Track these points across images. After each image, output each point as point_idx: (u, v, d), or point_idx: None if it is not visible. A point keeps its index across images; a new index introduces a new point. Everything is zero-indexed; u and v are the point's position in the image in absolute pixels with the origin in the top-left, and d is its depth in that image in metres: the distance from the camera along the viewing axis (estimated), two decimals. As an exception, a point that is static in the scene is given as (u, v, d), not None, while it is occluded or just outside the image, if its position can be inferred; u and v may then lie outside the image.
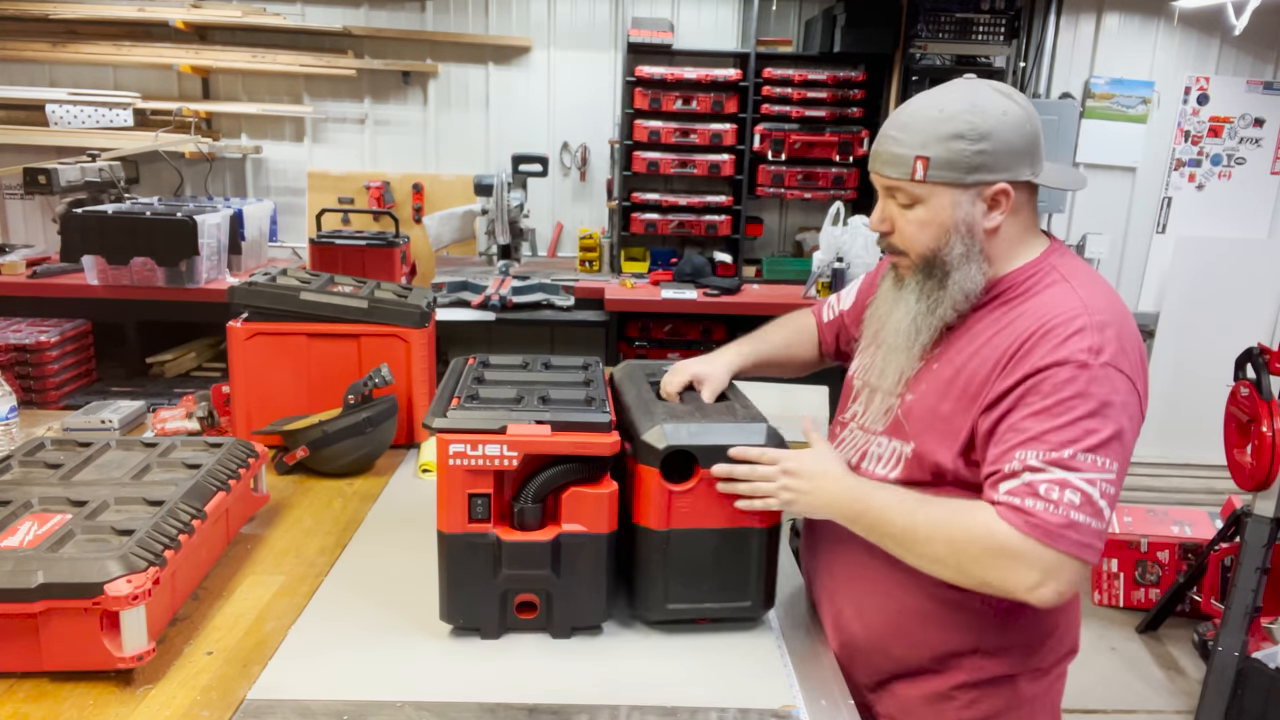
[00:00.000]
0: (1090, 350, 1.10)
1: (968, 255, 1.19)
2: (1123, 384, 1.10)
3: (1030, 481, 1.07)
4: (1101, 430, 1.08)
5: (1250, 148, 4.68)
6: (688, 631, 1.30)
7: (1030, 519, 1.07)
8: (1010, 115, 1.17)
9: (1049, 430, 1.08)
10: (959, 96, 1.18)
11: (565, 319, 3.73)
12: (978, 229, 1.19)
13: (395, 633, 1.26)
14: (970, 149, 1.15)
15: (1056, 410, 1.09)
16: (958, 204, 1.18)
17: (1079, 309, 1.14)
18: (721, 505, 1.24)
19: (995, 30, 4.09)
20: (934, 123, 1.17)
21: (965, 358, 1.21)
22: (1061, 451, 1.07)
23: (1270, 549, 2.64)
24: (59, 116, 4.09)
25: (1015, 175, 1.18)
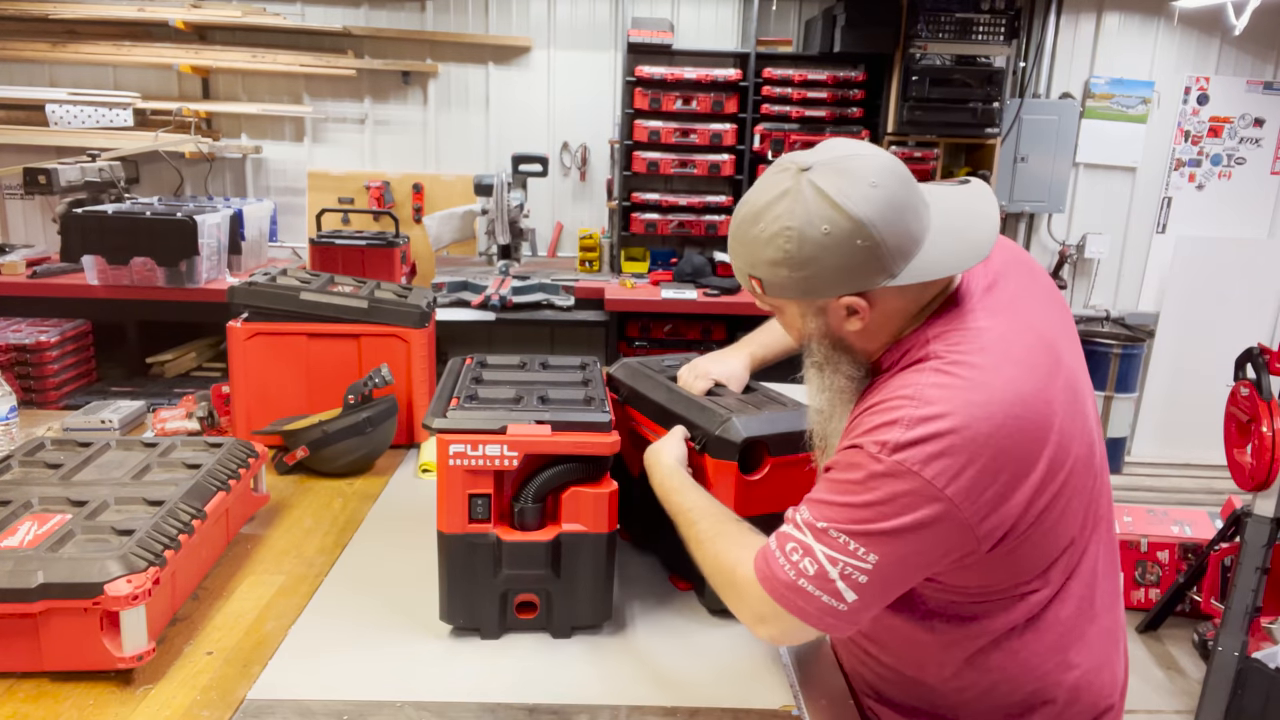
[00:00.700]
0: (889, 447, 0.99)
1: (830, 357, 1.13)
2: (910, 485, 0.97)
3: (786, 534, 1.06)
4: (871, 523, 0.99)
5: (1250, 148, 4.69)
6: (688, 631, 1.30)
7: (764, 563, 1.06)
8: (835, 233, 1.00)
9: (825, 501, 1.04)
10: (781, 212, 1.03)
11: (565, 319, 3.73)
12: (836, 333, 1.10)
13: (395, 633, 1.26)
14: (795, 275, 1.03)
15: (841, 486, 1.03)
16: (805, 316, 1.10)
17: (909, 397, 1.01)
18: (789, 490, 1.24)
19: (995, 30, 4.09)
20: (756, 244, 1.05)
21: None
22: (818, 522, 1.03)
23: (1270, 549, 2.64)
24: (59, 116, 4.09)
25: (861, 288, 1.03)
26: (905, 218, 1.02)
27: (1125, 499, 4.27)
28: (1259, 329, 4.69)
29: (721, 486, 1.26)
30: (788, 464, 1.31)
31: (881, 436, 1.00)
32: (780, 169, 1.06)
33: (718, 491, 1.26)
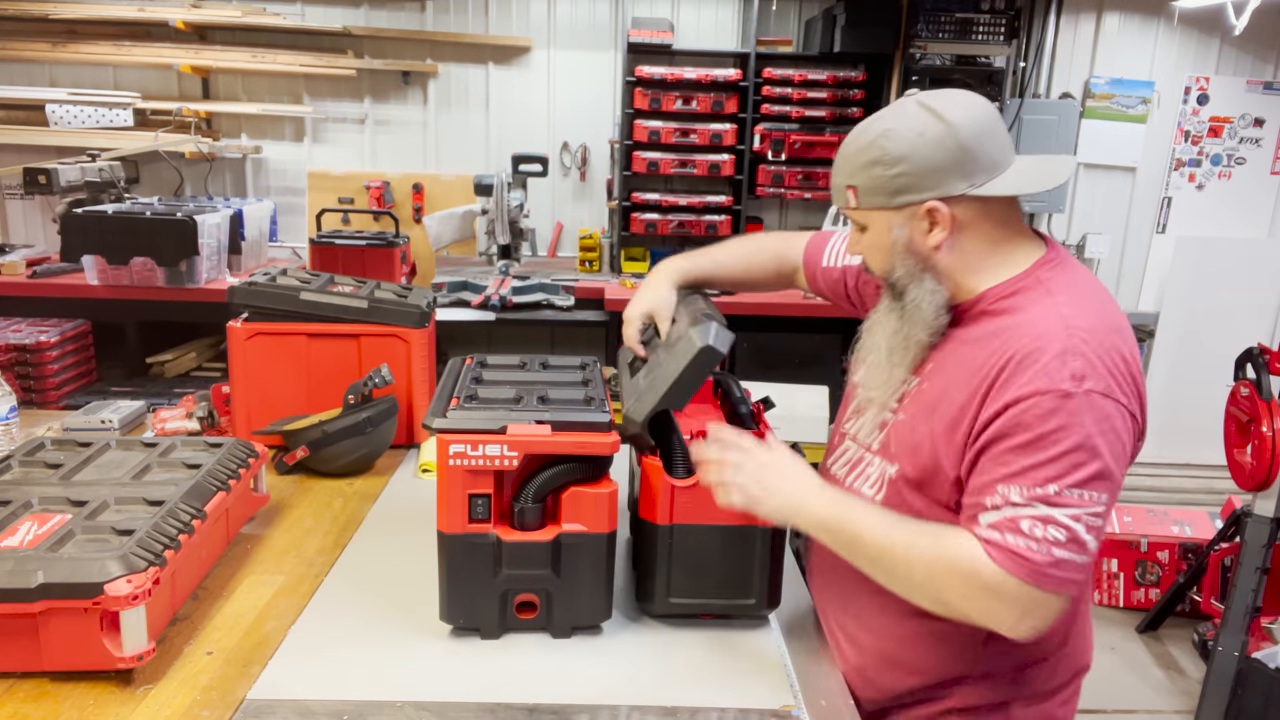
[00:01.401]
0: (1073, 377, 1.05)
1: (912, 275, 1.19)
2: (1110, 409, 1.05)
3: (1013, 517, 1.04)
4: (1088, 463, 1.03)
5: (1250, 148, 4.68)
6: (688, 631, 1.30)
7: (1014, 557, 1.04)
8: (929, 133, 1.13)
9: (1032, 466, 1.04)
10: (881, 120, 1.18)
11: (565, 319, 3.73)
12: (919, 247, 1.18)
13: (395, 633, 1.26)
14: (888, 173, 1.15)
15: (1040, 444, 1.04)
16: (891, 225, 1.18)
17: (1059, 330, 1.09)
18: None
19: (995, 30, 4.09)
20: (856, 152, 1.19)
21: (947, 380, 1.18)
22: (1046, 487, 1.03)
23: (1270, 549, 2.64)
24: (59, 116, 4.09)
25: (945, 191, 1.14)
26: (992, 139, 1.15)
27: (1125, 499, 4.28)
28: (1259, 329, 4.69)
29: (648, 489, 1.25)
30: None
31: (1062, 372, 1.05)
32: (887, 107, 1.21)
33: (646, 494, 1.25)
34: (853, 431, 1.35)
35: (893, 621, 1.24)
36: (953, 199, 1.14)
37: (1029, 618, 1.06)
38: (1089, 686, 1.34)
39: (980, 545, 1.06)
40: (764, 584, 1.29)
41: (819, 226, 4.03)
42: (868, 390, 1.31)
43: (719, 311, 1.34)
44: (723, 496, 1.19)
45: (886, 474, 1.24)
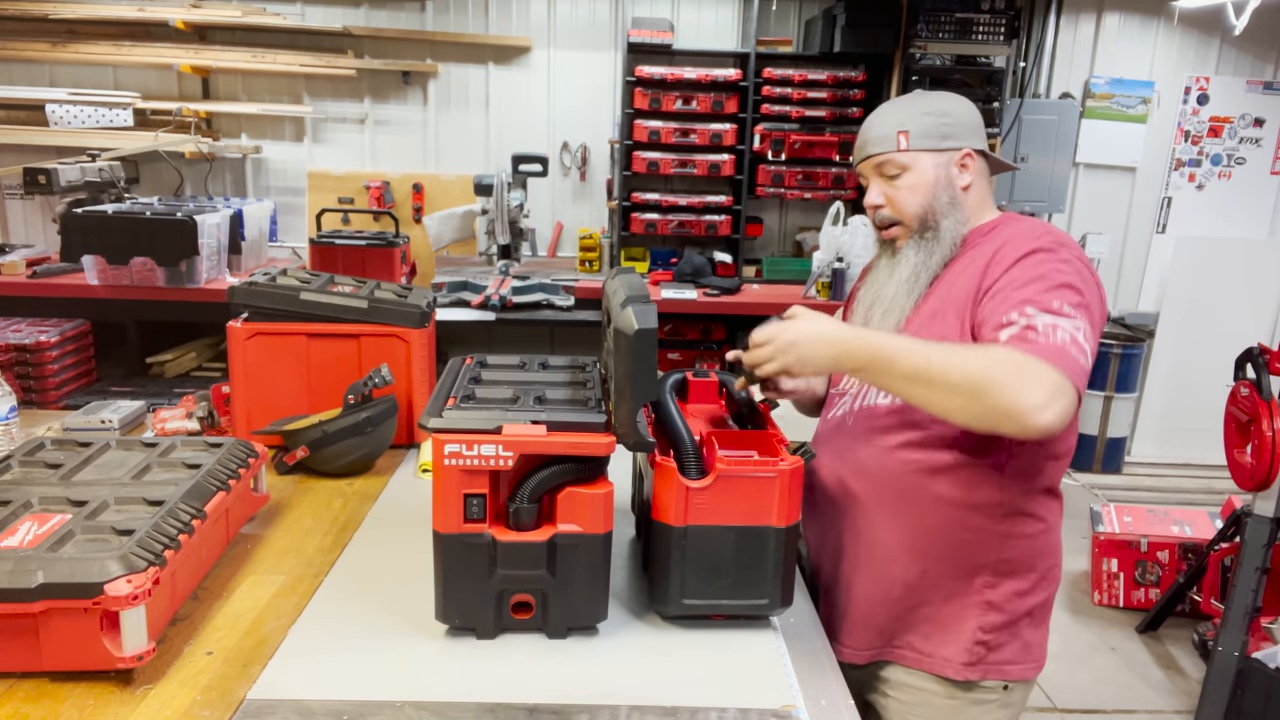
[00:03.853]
0: (1058, 243, 1.33)
1: (952, 204, 1.43)
2: (1087, 270, 1.31)
3: (1028, 324, 1.23)
4: (1079, 294, 1.27)
5: (1250, 148, 4.69)
6: (688, 631, 1.30)
7: (1035, 346, 1.20)
8: (959, 101, 1.47)
9: (1036, 292, 1.26)
10: (915, 95, 1.50)
11: (565, 319, 3.73)
12: (955, 185, 1.44)
13: (396, 633, 1.26)
14: (938, 121, 1.43)
15: (1039, 280, 1.28)
16: (937, 164, 1.43)
17: (1039, 225, 1.40)
18: (739, 503, 1.24)
19: (995, 30, 4.09)
20: (908, 105, 1.46)
21: (946, 288, 1.40)
22: (1050, 302, 1.25)
23: (1270, 549, 2.64)
24: (59, 116, 4.09)
25: (974, 144, 1.45)
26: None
27: (1125, 499, 4.28)
28: (1259, 329, 4.69)
29: (663, 491, 1.25)
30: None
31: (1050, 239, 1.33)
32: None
33: (660, 495, 1.26)
34: (846, 380, 1.53)
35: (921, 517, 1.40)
36: (976, 152, 1.45)
37: (1056, 399, 1.16)
38: (1090, 687, 1.36)
39: (1007, 346, 1.23)
40: (777, 583, 1.29)
41: (819, 226, 4.03)
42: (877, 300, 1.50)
43: (640, 288, 1.32)
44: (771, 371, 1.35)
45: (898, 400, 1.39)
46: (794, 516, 1.27)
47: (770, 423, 1.42)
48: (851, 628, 1.48)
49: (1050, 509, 1.44)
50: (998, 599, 1.41)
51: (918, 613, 1.43)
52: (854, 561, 1.47)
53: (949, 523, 1.39)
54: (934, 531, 1.39)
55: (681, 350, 4.31)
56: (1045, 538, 1.44)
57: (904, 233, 1.46)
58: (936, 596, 1.42)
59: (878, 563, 1.44)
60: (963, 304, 1.36)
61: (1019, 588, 1.42)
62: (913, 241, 1.45)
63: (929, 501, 1.38)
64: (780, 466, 1.24)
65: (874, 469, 1.42)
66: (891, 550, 1.42)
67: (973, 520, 1.38)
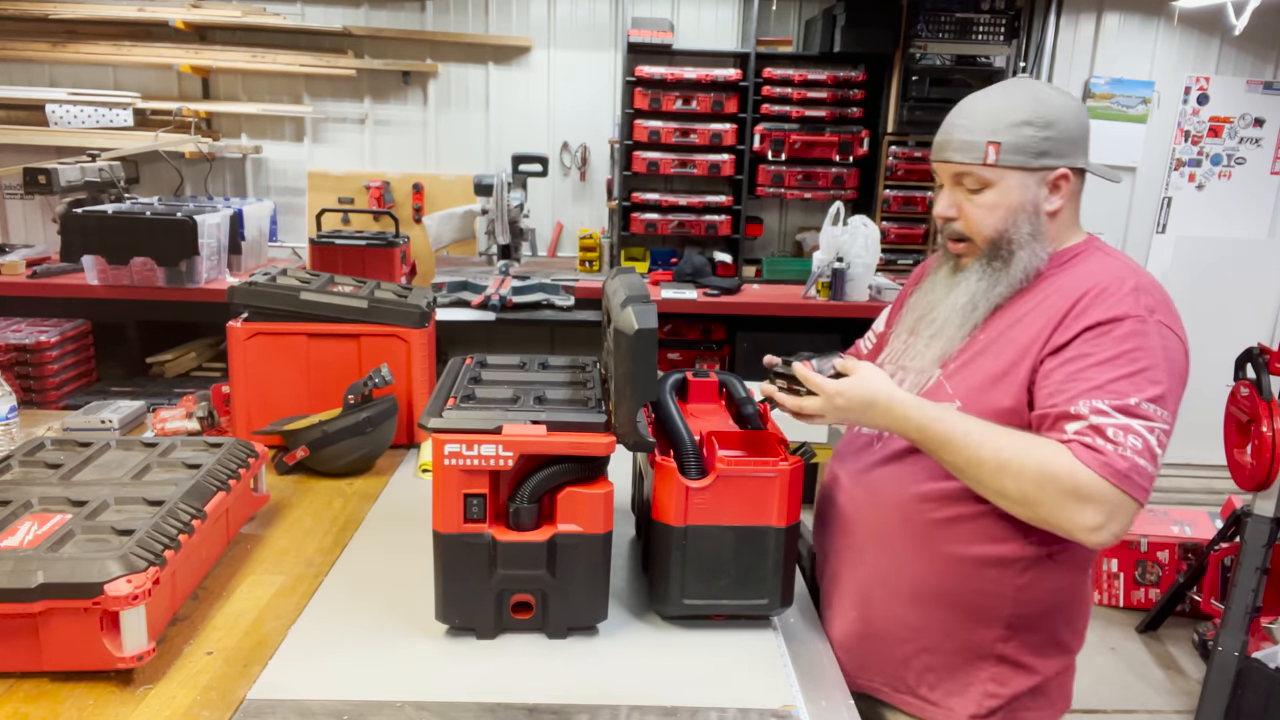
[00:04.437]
0: (1147, 308, 1.18)
1: (1034, 235, 1.27)
2: (1175, 344, 1.20)
3: (1098, 425, 1.13)
4: (1160, 383, 1.15)
5: (1250, 148, 4.68)
6: (688, 631, 1.30)
7: (1102, 458, 1.11)
8: (1068, 107, 1.27)
9: (1114, 379, 1.15)
10: (1024, 90, 1.28)
11: (565, 319, 3.73)
12: (1041, 211, 1.27)
13: (396, 633, 1.26)
14: (1038, 135, 1.24)
15: (1120, 361, 1.16)
16: (1025, 186, 1.26)
17: (1129, 273, 1.23)
18: (739, 503, 1.24)
19: (995, 30, 4.09)
20: (1004, 112, 1.26)
21: (1009, 324, 1.27)
22: (1126, 399, 1.13)
23: (1270, 549, 2.64)
24: (59, 116, 4.09)
25: (1073, 161, 1.27)
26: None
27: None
28: (1259, 329, 4.69)
29: (663, 491, 1.25)
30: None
31: (1138, 302, 1.19)
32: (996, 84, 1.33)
33: (661, 495, 1.25)
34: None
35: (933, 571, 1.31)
36: (1076, 170, 1.28)
37: (1112, 522, 1.12)
38: (1090, 687, 1.36)
39: (1069, 450, 1.13)
40: (777, 584, 1.29)
41: (819, 226, 4.03)
42: (900, 359, 1.39)
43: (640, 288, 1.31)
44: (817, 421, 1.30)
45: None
46: (794, 516, 1.27)
47: (770, 423, 1.42)
48: (849, 655, 1.38)
49: (1077, 564, 1.31)
50: (1012, 653, 1.31)
51: (922, 659, 1.34)
52: (858, 591, 1.38)
53: (965, 572, 1.29)
54: (946, 578, 1.30)
55: (681, 350, 4.31)
56: (1071, 592, 1.32)
57: (972, 251, 1.32)
58: (946, 645, 1.32)
59: (882, 598, 1.35)
60: (1024, 352, 1.23)
61: (1036, 642, 1.31)
62: (979, 265, 1.31)
63: (946, 549, 1.29)
64: (780, 466, 1.24)
65: (891, 503, 1.33)
66: (899, 589, 1.33)
67: (990, 572, 1.28)
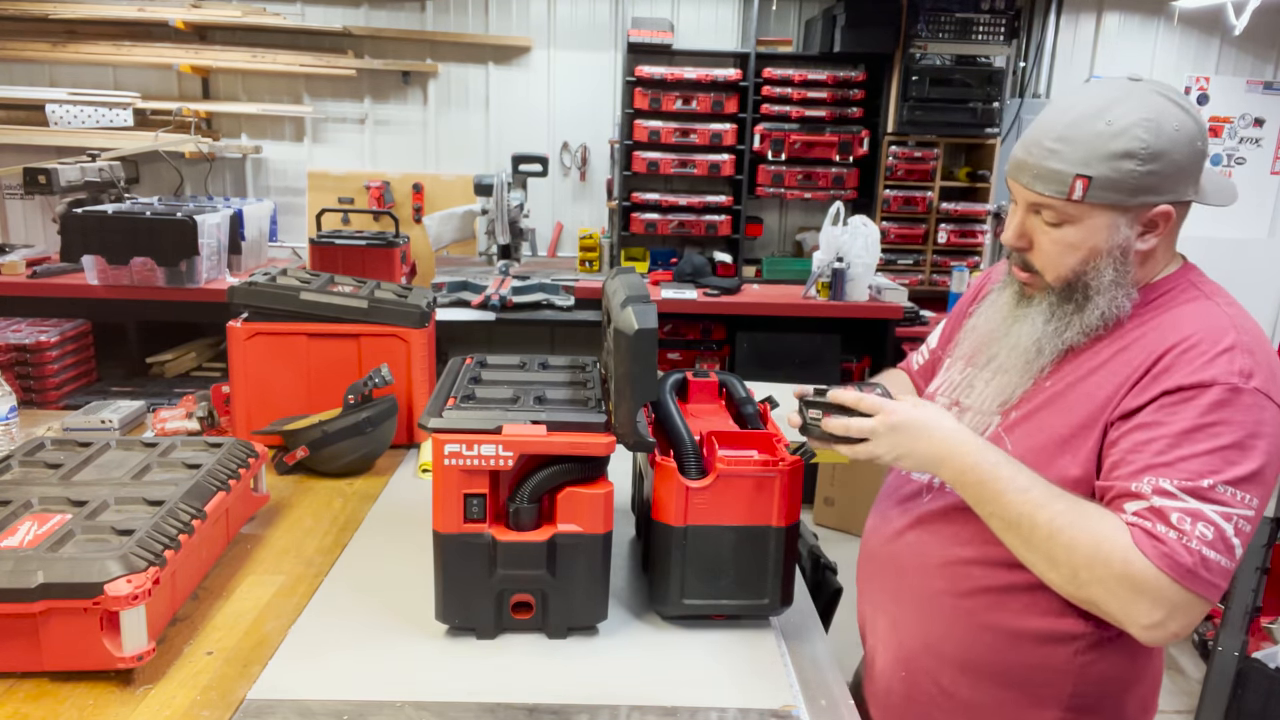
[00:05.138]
0: (1241, 373, 1.00)
1: (1117, 281, 1.09)
2: (1273, 414, 1.01)
3: (1160, 508, 0.98)
4: (1245, 463, 0.98)
5: (1250, 148, 4.69)
6: (688, 631, 1.30)
7: (1163, 549, 0.97)
8: (1184, 131, 1.04)
9: (1189, 456, 0.99)
10: (1132, 107, 1.04)
11: (565, 319, 3.73)
12: (1131, 253, 1.08)
13: (396, 633, 1.26)
14: (1140, 170, 1.04)
15: (1199, 435, 0.99)
16: (1115, 227, 1.07)
17: (1227, 325, 1.04)
18: (739, 503, 1.24)
19: (995, 30, 4.09)
20: (1101, 138, 1.04)
21: (1084, 373, 1.11)
22: (1200, 480, 0.98)
23: (1270, 549, 2.64)
24: (59, 116, 4.09)
25: (1179, 196, 1.07)
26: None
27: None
28: (1259, 329, 4.69)
29: (663, 490, 1.24)
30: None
31: (1231, 366, 1.00)
32: (1103, 84, 1.09)
33: (661, 495, 1.24)
34: None
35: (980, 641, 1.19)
36: (1180, 204, 1.08)
37: (1171, 621, 0.98)
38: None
39: (1128, 533, 0.99)
40: (777, 584, 1.29)
41: (819, 226, 4.03)
42: (955, 393, 1.26)
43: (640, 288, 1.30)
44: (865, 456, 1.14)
45: None
46: (794, 516, 1.27)
47: (769, 422, 1.42)
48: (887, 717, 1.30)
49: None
50: None
51: None
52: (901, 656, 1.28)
53: (1020, 647, 1.16)
54: (999, 651, 1.17)
55: (681, 350, 4.31)
56: (1141, 670, 1.17)
57: (1039, 285, 1.15)
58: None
59: (927, 667, 1.24)
60: (1099, 411, 1.08)
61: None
62: (1046, 304, 1.14)
63: (999, 619, 1.16)
64: (780, 466, 1.24)
65: (938, 564, 1.21)
66: (947, 659, 1.22)
67: (1048, 648, 1.14)
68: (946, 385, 1.32)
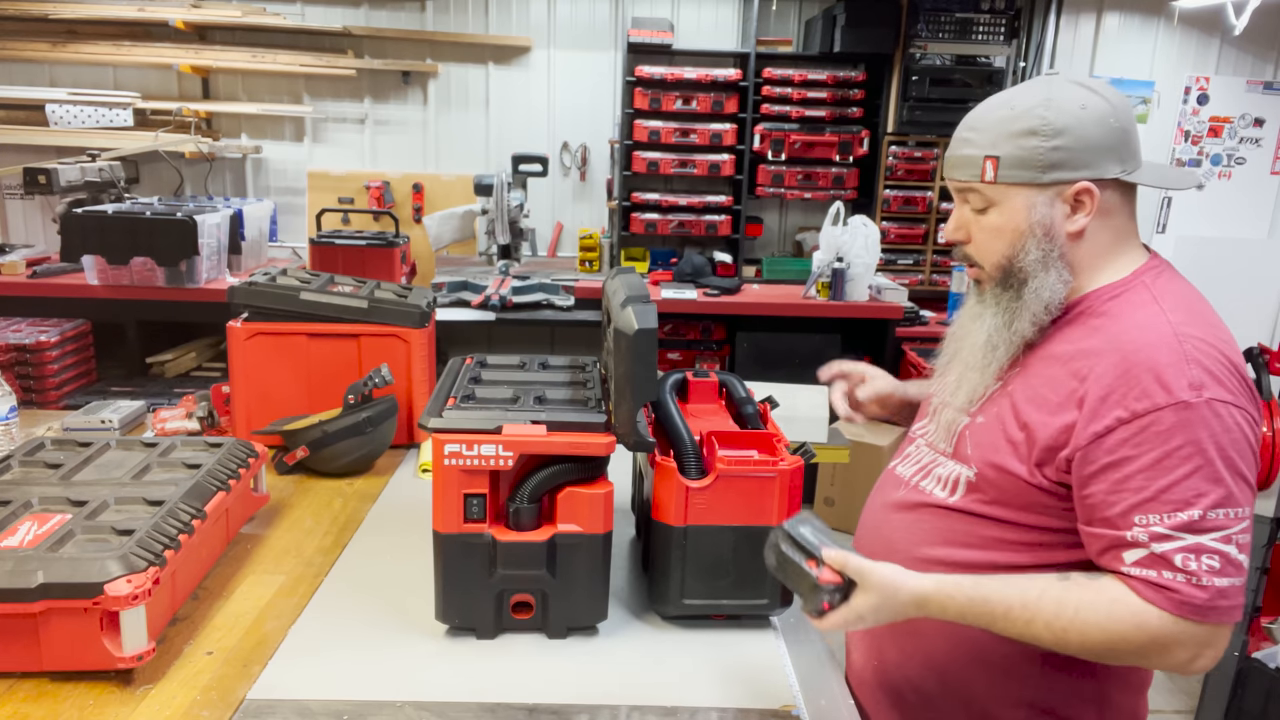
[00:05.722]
0: (1191, 386, 0.98)
1: (1045, 261, 1.10)
2: (1234, 420, 0.99)
3: (1162, 553, 0.97)
4: (1224, 477, 0.97)
5: (1250, 148, 4.69)
6: (688, 631, 1.30)
7: (1175, 597, 0.97)
8: (1091, 108, 1.07)
9: (1167, 487, 0.97)
10: (1032, 92, 1.10)
11: (565, 319, 3.73)
12: (1058, 232, 1.10)
13: (396, 632, 1.26)
14: (1045, 145, 1.07)
15: (1170, 464, 0.97)
16: (1033, 205, 1.09)
17: (1169, 337, 1.03)
18: (739, 503, 1.24)
19: (995, 30, 4.09)
20: (1004, 120, 1.10)
21: (1040, 382, 1.11)
22: (1189, 512, 0.97)
23: (1270, 549, 2.64)
24: (59, 116, 4.09)
25: (1100, 173, 1.07)
26: (1136, 127, 1.12)
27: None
28: (1259, 329, 4.69)
29: (663, 491, 1.25)
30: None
31: (1179, 382, 0.99)
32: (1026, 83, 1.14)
33: (661, 495, 1.25)
34: (928, 435, 1.30)
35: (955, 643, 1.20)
36: (1104, 182, 1.09)
37: (1206, 651, 1.00)
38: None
39: (1133, 590, 0.99)
40: (777, 583, 1.29)
41: (819, 226, 4.03)
42: (943, 393, 1.27)
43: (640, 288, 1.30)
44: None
45: (962, 477, 1.18)
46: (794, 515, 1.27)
47: (769, 422, 1.42)
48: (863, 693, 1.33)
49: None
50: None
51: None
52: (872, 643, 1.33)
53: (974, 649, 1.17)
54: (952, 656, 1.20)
55: (681, 350, 4.31)
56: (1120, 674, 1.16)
57: (984, 278, 1.18)
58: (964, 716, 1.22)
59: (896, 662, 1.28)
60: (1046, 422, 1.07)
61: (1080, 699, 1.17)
62: (992, 296, 1.16)
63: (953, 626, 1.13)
64: (780, 466, 1.24)
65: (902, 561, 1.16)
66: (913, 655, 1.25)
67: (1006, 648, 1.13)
68: (938, 386, 1.33)
